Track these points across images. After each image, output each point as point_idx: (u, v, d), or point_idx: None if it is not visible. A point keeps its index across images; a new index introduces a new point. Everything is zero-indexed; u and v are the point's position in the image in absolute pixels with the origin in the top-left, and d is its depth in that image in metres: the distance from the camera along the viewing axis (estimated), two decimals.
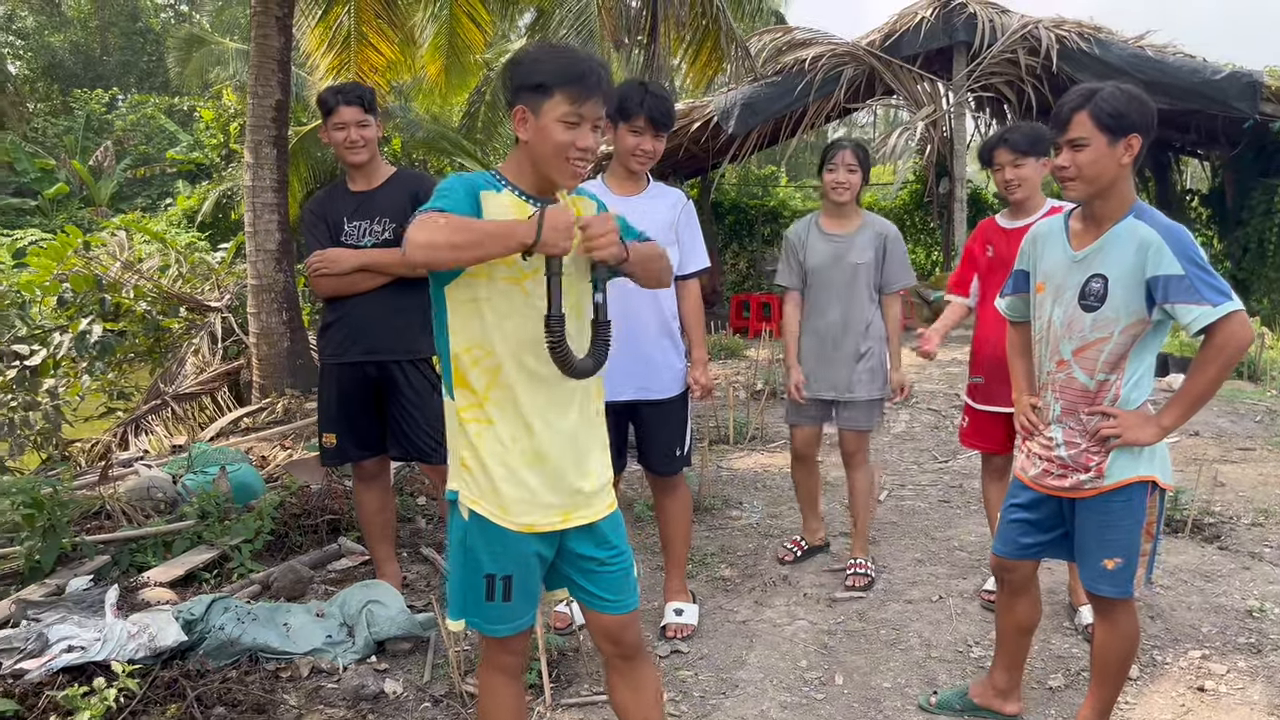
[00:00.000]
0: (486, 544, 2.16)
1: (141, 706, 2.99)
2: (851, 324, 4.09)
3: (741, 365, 9.83)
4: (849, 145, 4.06)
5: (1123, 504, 2.63)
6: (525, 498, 2.14)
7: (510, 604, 2.19)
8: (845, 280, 4.08)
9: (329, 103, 3.71)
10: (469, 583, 2.20)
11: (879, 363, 4.13)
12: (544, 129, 2.07)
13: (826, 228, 4.15)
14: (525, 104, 2.09)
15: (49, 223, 18.13)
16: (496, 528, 2.14)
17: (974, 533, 4.85)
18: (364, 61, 10.73)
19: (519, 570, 2.18)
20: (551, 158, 2.09)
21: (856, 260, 4.07)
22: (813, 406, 4.19)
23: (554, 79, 2.06)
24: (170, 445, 7.31)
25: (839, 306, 4.09)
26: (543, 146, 2.09)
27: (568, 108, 2.06)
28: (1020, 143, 3.68)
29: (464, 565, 2.20)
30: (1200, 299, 2.43)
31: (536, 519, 2.16)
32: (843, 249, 4.09)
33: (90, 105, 24.07)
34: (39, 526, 4.03)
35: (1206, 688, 3.25)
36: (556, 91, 2.05)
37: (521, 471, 2.13)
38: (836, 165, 4.02)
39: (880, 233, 4.11)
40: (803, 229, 4.22)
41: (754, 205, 17.90)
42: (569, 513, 2.19)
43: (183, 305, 9.35)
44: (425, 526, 4.91)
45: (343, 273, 3.67)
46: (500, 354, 2.10)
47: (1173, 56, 10.93)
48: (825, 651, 3.58)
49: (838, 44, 11.89)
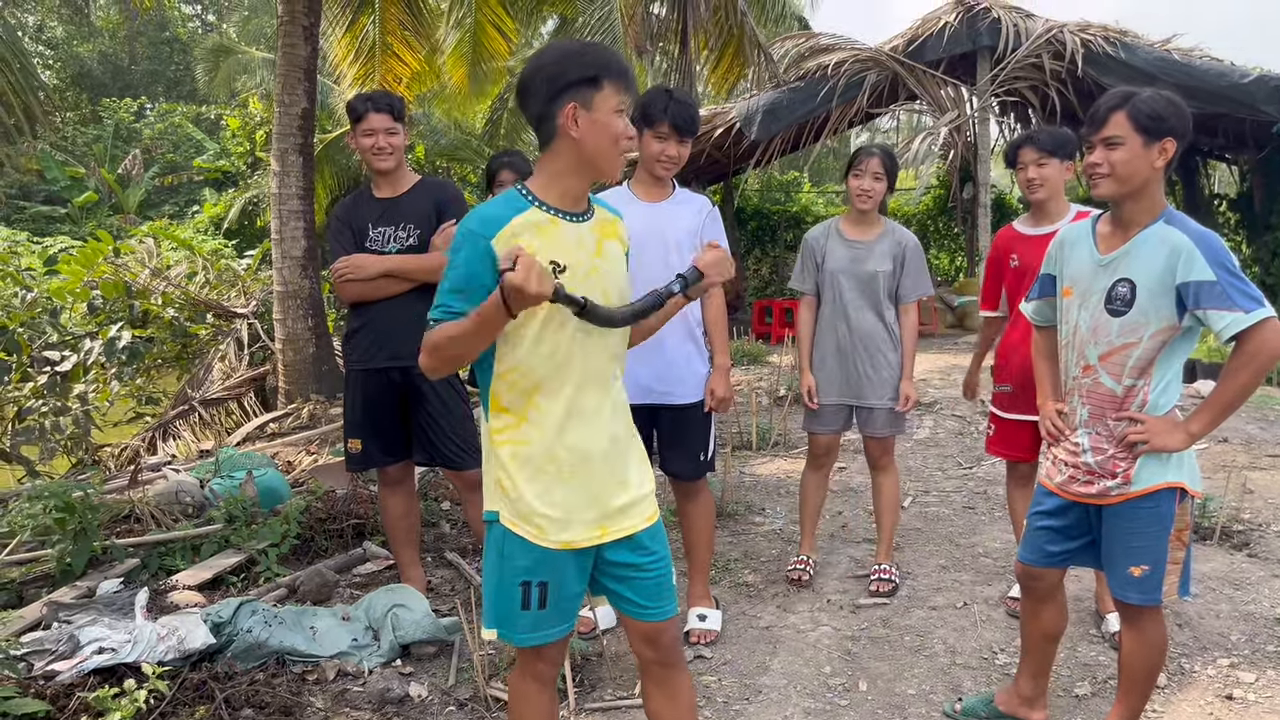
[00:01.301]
0: (523, 556, 2.15)
1: (171, 708, 3.02)
2: (870, 331, 4.07)
3: (764, 371, 9.81)
4: (878, 153, 4.04)
5: (1150, 510, 2.61)
6: (562, 517, 2.14)
7: (545, 611, 2.18)
8: (863, 286, 4.06)
9: (358, 109, 3.74)
10: (504, 591, 2.18)
11: (897, 371, 4.10)
12: (598, 121, 2.07)
13: (847, 233, 4.13)
14: (575, 100, 2.06)
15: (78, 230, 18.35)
16: (533, 545, 2.14)
17: (999, 539, 4.82)
18: (388, 72, 10.81)
19: (554, 578, 2.17)
20: (609, 148, 2.10)
21: (875, 268, 4.04)
22: (830, 413, 4.17)
23: (603, 70, 2.07)
24: (198, 450, 7.39)
25: (856, 313, 4.07)
26: (599, 139, 2.08)
27: (619, 97, 2.08)
28: (1046, 142, 3.68)
29: (499, 572, 2.19)
30: (1233, 305, 2.41)
31: (574, 536, 2.15)
32: (862, 255, 4.07)
33: (119, 114, 24.37)
34: (70, 530, 4.09)
35: (1235, 696, 3.22)
36: (606, 83, 2.06)
37: (558, 491, 2.13)
38: (863, 172, 4.00)
39: (900, 242, 4.08)
40: (822, 233, 4.21)
41: (776, 211, 17.89)
42: (606, 527, 2.19)
43: (210, 311, 9.44)
44: (449, 531, 4.93)
45: (368, 278, 3.70)
46: (537, 376, 2.11)
47: (1199, 60, 10.81)
48: (849, 658, 3.57)
49: (861, 49, 11.86)
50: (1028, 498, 3.90)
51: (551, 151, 2.13)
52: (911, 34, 11.79)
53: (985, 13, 11.43)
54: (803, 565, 4.30)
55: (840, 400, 4.14)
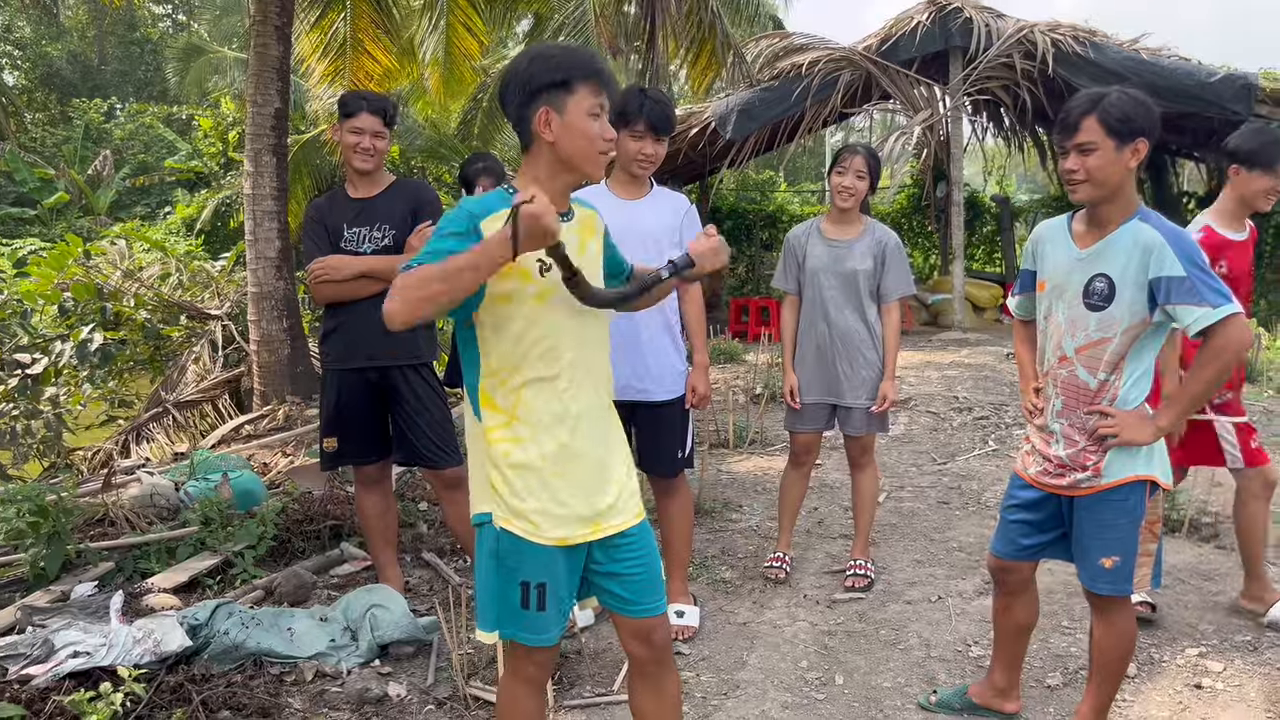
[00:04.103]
0: (518, 555, 2.15)
1: (147, 711, 3.00)
2: (850, 330, 4.08)
3: (741, 369, 9.85)
4: (862, 151, 4.04)
5: (1120, 503, 2.66)
6: (555, 513, 2.14)
7: (544, 613, 2.17)
8: (843, 285, 4.08)
9: (351, 105, 3.74)
10: (502, 593, 2.18)
11: (878, 370, 4.13)
12: (572, 125, 2.07)
13: (828, 233, 4.14)
14: (548, 104, 2.07)
15: (49, 232, 18.13)
16: (528, 543, 2.14)
17: (973, 534, 4.87)
18: (359, 69, 10.66)
19: (552, 579, 2.17)
20: (586, 151, 2.10)
21: (856, 266, 4.06)
22: (812, 411, 4.19)
23: (575, 73, 2.07)
24: (172, 453, 7.33)
25: (837, 312, 4.08)
26: (573, 142, 2.08)
27: (593, 99, 2.08)
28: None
29: (496, 575, 2.18)
30: (1201, 300, 2.46)
31: (568, 533, 2.16)
32: (842, 254, 4.08)
33: (88, 115, 24.07)
34: (44, 533, 4.05)
35: (1204, 685, 3.28)
36: (579, 85, 2.07)
37: (551, 487, 2.14)
38: (846, 169, 4.00)
39: (881, 240, 4.09)
40: (803, 232, 4.21)
41: (752, 210, 17.95)
42: (598, 524, 2.19)
43: (183, 313, 9.37)
44: (427, 532, 4.93)
45: (343, 279, 3.70)
46: (527, 372, 2.12)
47: (1168, 59, 10.96)
48: (825, 652, 3.60)
49: (835, 49, 11.93)
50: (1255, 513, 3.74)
51: (531, 155, 2.15)
52: (884, 34, 11.88)
53: (957, 13, 11.53)
54: (780, 562, 4.32)
55: (821, 399, 4.16)
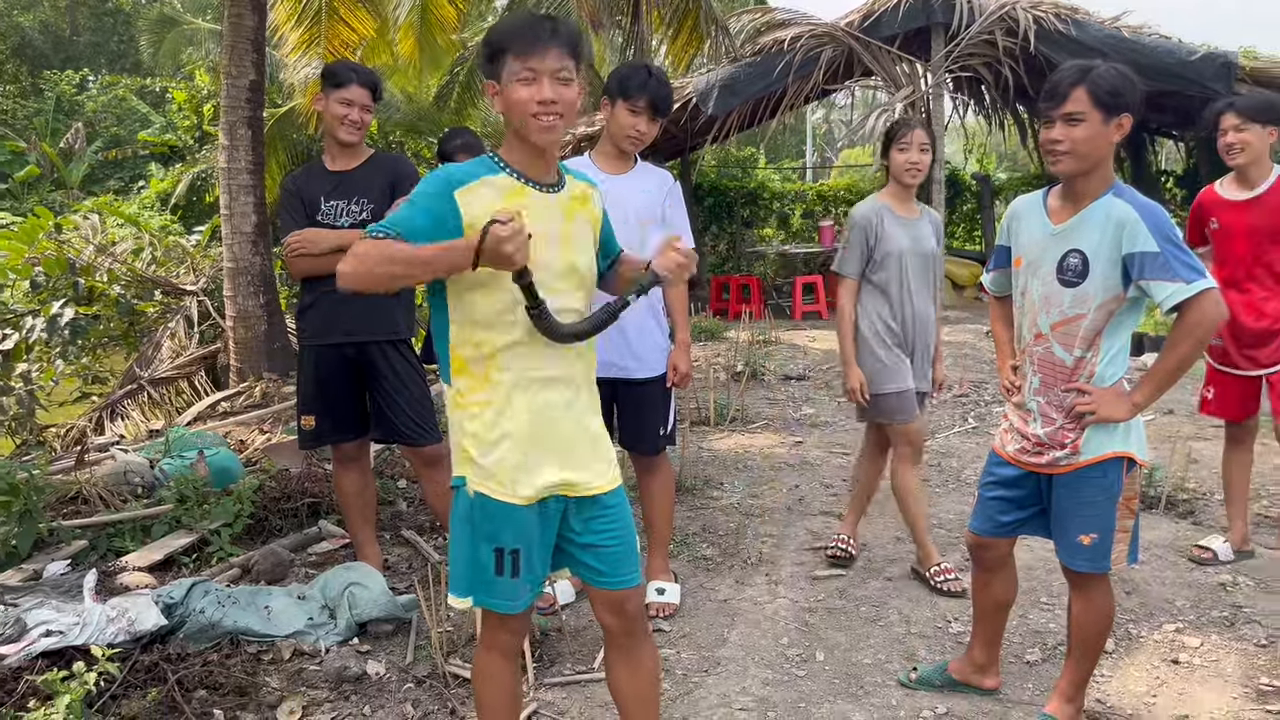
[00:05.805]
0: (491, 519, 2.15)
1: (122, 690, 2.97)
2: (926, 314, 3.91)
3: (721, 347, 9.84)
4: (919, 124, 3.86)
5: (1098, 479, 2.66)
6: (528, 470, 2.14)
7: (518, 580, 2.19)
8: (923, 268, 3.89)
9: (341, 75, 3.69)
10: (475, 559, 2.18)
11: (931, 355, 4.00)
12: (507, 94, 2.10)
13: (899, 212, 3.88)
14: (491, 78, 2.14)
15: (19, 206, 17.82)
16: (501, 504, 2.14)
17: (952, 510, 4.89)
18: (335, 37, 10.46)
19: (525, 545, 2.18)
20: (519, 119, 2.11)
21: (931, 248, 3.90)
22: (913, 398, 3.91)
23: (504, 42, 2.10)
24: (147, 430, 7.24)
25: (919, 297, 3.87)
26: (510, 111, 2.12)
27: (517, 64, 2.08)
28: (1246, 108, 3.81)
29: (470, 541, 2.19)
30: (1175, 276, 2.45)
31: (543, 481, 2.16)
32: (920, 235, 3.89)
33: (60, 87, 23.65)
34: (15, 512, 4.00)
35: (1180, 660, 3.31)
36: (509, 55, 2.09)
37: (523, 447, 2.14)
38: (909, 145, 3.77)
39: (935, 221, 3.96)
40: (872, 213, 3.87)
41: (733, 186, 17.87)
42: (571, 479, 2.20)
43: (158, 289, 9.24)
44: (406, 509, 4.90)
45: (320, 253, 3.64)
46: (498, 337, 2.12)
47: (1148, 37, 10.96)
48: (806, 629, 3.60)
49: (817, 24, 11.84)
50: (1243, 464, 4.18)
51: (506, 125, 2.20)
52: (866, 10, 11.80)
53: None
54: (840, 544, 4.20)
55: (916, 386, 3.92)
